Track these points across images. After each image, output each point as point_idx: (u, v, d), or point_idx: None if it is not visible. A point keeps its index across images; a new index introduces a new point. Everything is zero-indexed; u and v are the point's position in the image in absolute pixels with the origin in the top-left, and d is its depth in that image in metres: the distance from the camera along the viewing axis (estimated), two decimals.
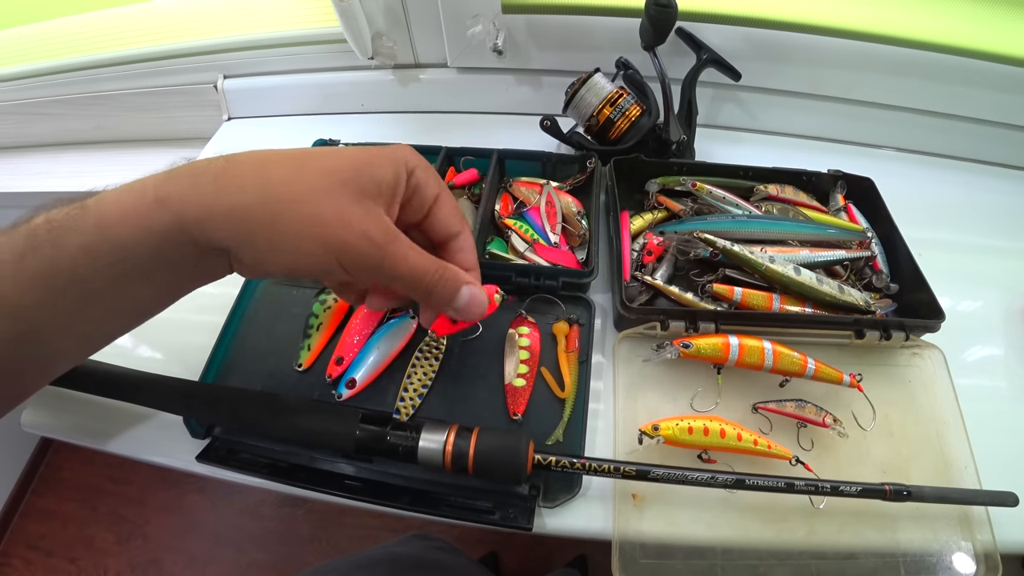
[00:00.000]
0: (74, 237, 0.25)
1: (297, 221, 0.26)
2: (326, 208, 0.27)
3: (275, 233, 0.26)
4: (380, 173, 0.29)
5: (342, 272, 0.28)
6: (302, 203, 0.26)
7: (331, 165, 0.28)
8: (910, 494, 0.37)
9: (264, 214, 0.26)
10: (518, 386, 0.43)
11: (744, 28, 0.59)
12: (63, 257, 0.25)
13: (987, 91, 0.61)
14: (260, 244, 0.26)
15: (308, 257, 0.27)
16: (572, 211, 0.53)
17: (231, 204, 0.26)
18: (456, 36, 0.64)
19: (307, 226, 0.26)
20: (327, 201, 0.27)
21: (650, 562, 0.38)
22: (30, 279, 0.24)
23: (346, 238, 0.27)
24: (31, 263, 0.25)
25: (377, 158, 0.29)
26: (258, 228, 0.26)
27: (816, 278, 0.46)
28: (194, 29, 0.73)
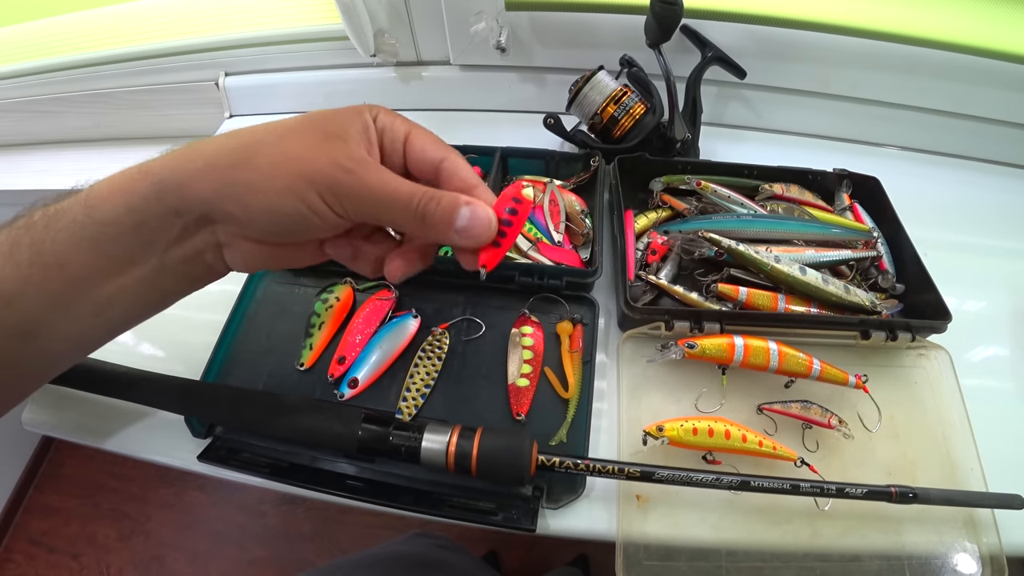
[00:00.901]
0: (64, 219, 0.25)
1: (270, 158, 0.26)
2: (297, 145, 0.27)
3: (253, 171, 0.26)
4: (344, 120, 0.28)
5: (325, 208, 0.27)
6: (273, 144, 0.27)
7: (298, 118, 0.28)
8: (916, 496, 0.37)
9: (241, 157, 0.27)
10: (521, 386, 0.42)
11: (749, 26, 0.59)
12: (49, 241, 0.25)
13: (995, 90, 0.61)
14: (240, 187, 0.26)
15: (288, 192, 0.26)
16: (576, 210, 0.52)
17: (209, 156, 0.27)
18: (459, 33, 0.63)
19: (283, 162, 0.26)
20: (297, 139, 0.27)
21: (654, 564, 0.38)
22: (17, 266, 0.25)
23: (321, 167, 0.27)
24: (22, 251, 0.25)
25: (340, 110, 0.29)
26: (237, 171, 0.26)
27: (822, 278, 0.46)
28: (195, 26, 0.73)
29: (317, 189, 0.27)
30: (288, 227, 0.28)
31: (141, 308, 0.30)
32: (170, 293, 0.30)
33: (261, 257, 0.30)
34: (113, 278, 0.27)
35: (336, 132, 0.28)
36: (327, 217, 0.28)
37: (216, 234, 0.28)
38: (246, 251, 0.29)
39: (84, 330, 0.28)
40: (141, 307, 0.30)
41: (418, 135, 0.31)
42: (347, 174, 0.27)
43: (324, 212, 0.27)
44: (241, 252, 0.29)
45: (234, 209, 0.27)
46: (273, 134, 0.27)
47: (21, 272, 0.25)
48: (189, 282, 0.31)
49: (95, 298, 0.27)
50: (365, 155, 0.28)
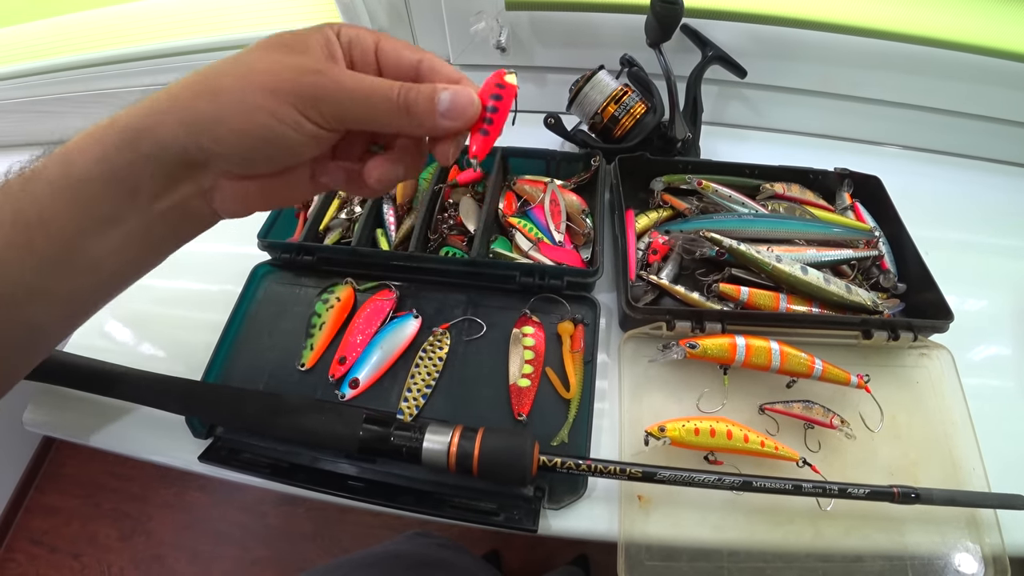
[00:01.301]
0: (41, 179, 0.25)
1: (234, 80, 0.26)
2: (259, 62, 0.26)
3: (222, 97, 0.26)
4: (304, 35, 0.27)
5: (303, 119, 0.26)
6: (234, 66, 0.26)
7: (258, 43, 0.27)
8: (918, 496, 0.37)
9: (206, 86, 0.26)
10: (523, 386, 0.42)
11: (749, 25, 0.59)
12: (27, 201, 0.24)
13: (998, 88, 0.60)
14: (211, 115, 0.26)
15: (259, 110, 0.26)
16: (577, 210, 0.52)
17: (170, 95, 0.26)
18: (459, 33, 0.63)
19: (247, 82, 0.26)
20: (259, 56, 0.26)
21: (656, 564, 0.37)
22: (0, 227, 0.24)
23: (288, 77, 0.26)
24: (4, 213, 0.24)
25: (300, 30, 0.28)
26: (205, 101, 0.26)
27: (823, 277, 0.46)
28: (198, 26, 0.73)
29: (289, 100, 0.26)
30: (267, 150, 0.27)
31: (133, 265, 0.29)
32: (161, 247, 0.30)
33: (250, 196, 0.29)
34: (100, 234, 0.26)
35: (297, 47, 0.27)
36: (304, 128, 0.26)
37: (199, 180, 0.27)
38: (233, 191, 0.28)
39: (76, 291, 0.27)
40: (133, 263, 0.29)
41: (389, 40, 0.29)
42: (317, 75, 0.26)
43: (300, 123, 0.26)
44: (229, 194, 0.28)
45: (207, 141, 0.26)
46: (233, 60, 0.27)
47: (4, 233, 0.24)
48: (179, 234, 0.30)
49: (84, 256, 0.26)
50: (331, 62, 0.27)
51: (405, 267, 0.49)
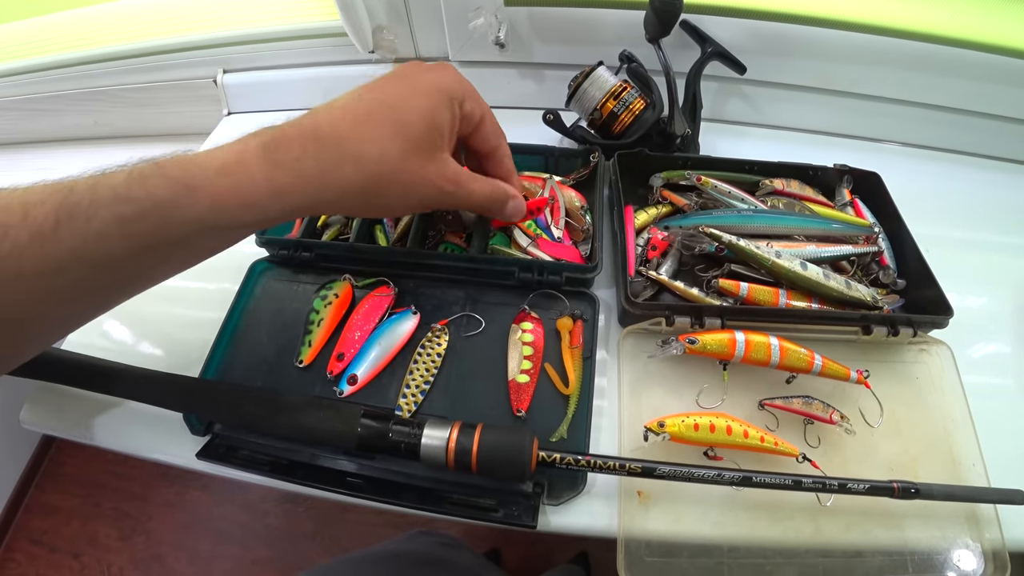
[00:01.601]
0: (184, 212, 0.28)
1: (398, 190, 0.34)
2: (412, 176, 0.34)
3: (383, 200, 0.35)
4: (440, 119, 0.35)
5: (426, 209, 0.39)
6: (395, 180, 0.34)
7: (403, 121, 0.33)
8: (918, 492, 0.37)
9: (371, 189, 0.33)
10: (521, 382, 0.42)
11: (749, 21, 0.59)
12: (174, 234, 0.28)
13: (998, 85, 0.60)
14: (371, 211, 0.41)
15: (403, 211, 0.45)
16: (576, 206, 0.52)
17: (341, 189, 0.32)
18: (457, 29, 0.63)
19: (405, 194, 0.35)
20: (412, 169, 0.34)
21: (656, 560, 0.37)
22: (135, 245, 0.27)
23: (430, 193, 0.36)
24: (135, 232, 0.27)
25: (437, 103, 0.35)
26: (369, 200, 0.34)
27: (823, 273, 0.46)
28: (193, 23, 0.72)
29: (426, 205, 0.37)
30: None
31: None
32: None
33: None
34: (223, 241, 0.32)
35: (436, 143, 0.35)
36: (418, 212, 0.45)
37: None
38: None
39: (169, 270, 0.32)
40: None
41: (487, 122, 0.39)
42: (449, 196, 0.37)
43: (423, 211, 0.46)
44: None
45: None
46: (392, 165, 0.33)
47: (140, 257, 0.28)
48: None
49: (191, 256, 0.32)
50: (458, 171, 0.37)
51: (403, 263, 0.49)
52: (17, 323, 0.27)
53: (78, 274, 0.26)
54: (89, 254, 0.26)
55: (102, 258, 0.27)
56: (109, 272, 0.28)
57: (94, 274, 0.27)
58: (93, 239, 0.26)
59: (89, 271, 0.27)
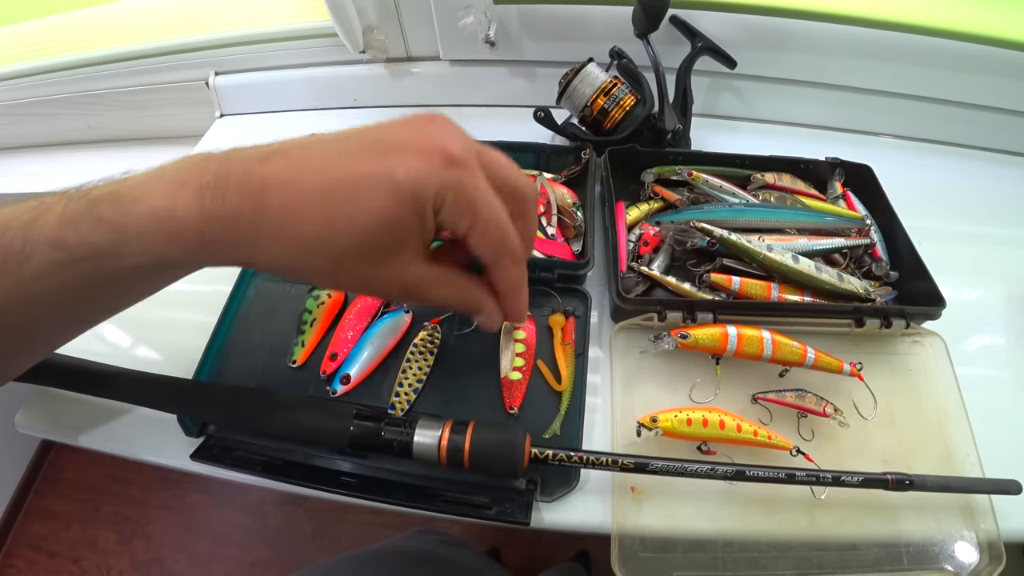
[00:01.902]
0: (123, 261, 0.26)
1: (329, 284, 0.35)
2: (351, 276, 0.29)
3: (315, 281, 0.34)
4: (401, 226, 0.28)
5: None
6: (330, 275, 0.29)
7: (355, 219, 0.27)
8: (912, 483, 0.37)
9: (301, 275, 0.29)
10: (514, 379, 0.42)
11: (739, 15, 0.59)
12: (110, 276, 0.27)
13: (988, 76, 0.60)
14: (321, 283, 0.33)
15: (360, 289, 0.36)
16: (567, 202, 0.52)
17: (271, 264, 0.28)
18: (448, 28, 0.63)
19: (337, 286, 0.36)
20: (353, 270, 0.29)
21: (650, 555, 0.37)
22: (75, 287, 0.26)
23: (379, 288, 0.31)
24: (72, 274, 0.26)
25: (399, 207, 0.27)
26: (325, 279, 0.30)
27: (815, 266, 0.46)
28: (185, 25, 0.72)
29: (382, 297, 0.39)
30: None
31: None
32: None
33: None
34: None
35: (391, 249, 0.29)
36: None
37: None
38: None
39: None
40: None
41: (477, 234, 0.30)
42: (407, 294, 0.31)
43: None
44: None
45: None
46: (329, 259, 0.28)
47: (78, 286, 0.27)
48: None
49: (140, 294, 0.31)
50: (420, 270, 0.30)
51: None
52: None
53: (22, 313, 0.26)
54: (29, 294, 0.25)
55: (44, 298, 0.26)
56: (54, 310, 0.27)
57: (39, 312, 0.27)
58: (30, 280, 0.25)
59: (34, 309, 0.26)
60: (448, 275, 0.32)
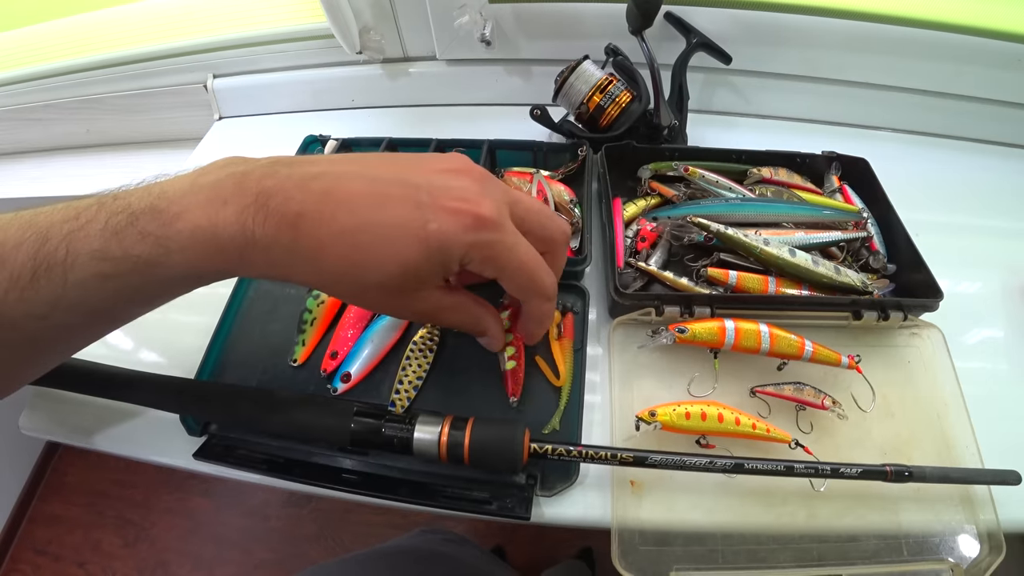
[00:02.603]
0: (164, 272, 0.28)
1: (352, 302, 0.38)
2: (372, 302, 0.33)
3: (352, 299, 0.35)
4: (424, 273, 0.30)
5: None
6: (352, 298, 0.33)
7: (380, 263, 0.29)
8: (912, 475, 0.37)
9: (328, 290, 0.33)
10: (509, 368, 0.42)
11: (733, 10, 0.59)
12: (154, 284, 0.28)
13: (983, 68, 0.60)
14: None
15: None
16: (564, 199, 0.52)
17: (301, 281, 0.31)
18: (444, 28, 0.63)
19: (375, 305, 0.35)
20: (373, 298, 0.31)
21: (650, 549, 0.37)
22: (116, 296, 0.28)
23: (402, 313, 0.37)
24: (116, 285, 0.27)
25: (423, 259, 0.29)
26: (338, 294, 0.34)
27: (812, 260, 0.46)
28: (182, 29, 0.73)
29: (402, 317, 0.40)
30: None
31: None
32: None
33: None
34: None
35: (411, 288, 0.31)
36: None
37: None
38: None
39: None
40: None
41: (505, 281, 0.32)
42: (424, 317, 0.38)
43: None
44: None
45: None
46: (353, 289, 0.31)
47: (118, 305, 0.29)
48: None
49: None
50: (435, 305, 0.33)
51: None
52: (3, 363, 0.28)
53: (60, 319, 0.27)
54: (70, 301, 0.26)
55: (83, 305, 0.27)
56: (92, 315, 0.28)
57: (77, 318, 0.27)
58: (72, 289, 0.26)
59: (72, 316, 0.27)
60: (460, 302, 0.34)
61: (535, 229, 0.32)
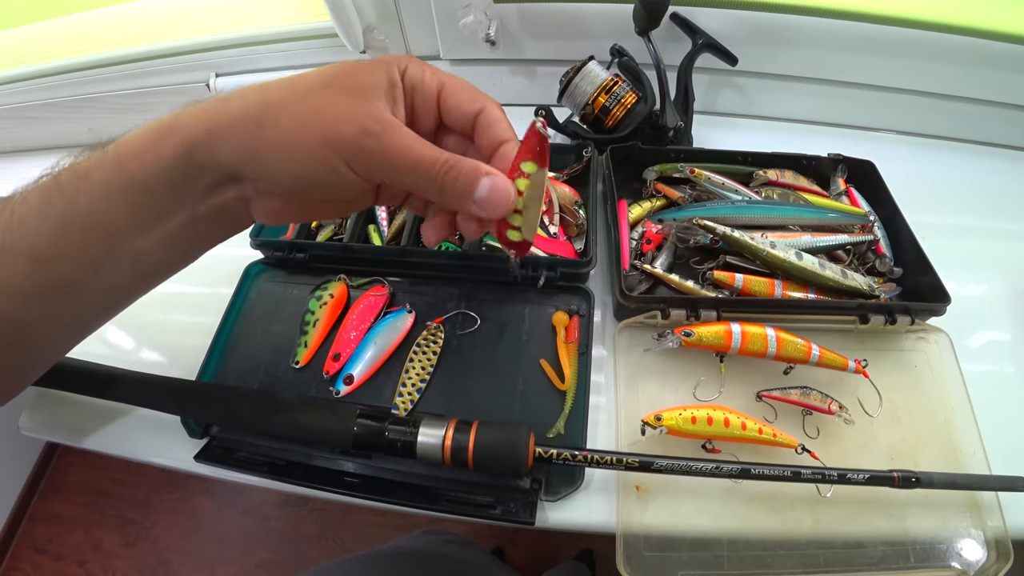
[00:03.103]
0: (96, 175, 0.26)
1: (297, 117, 0.26)
2: (324, 104, 0.27)
3: (278, 131, 0.26)
4: (371, 76, 0.28)
5: (350, 172, 0.27)
6: (300, 102, 0.27)
7: (324, 72, 0.28)
8: (919, 480, 0.36)
9: (266, 116, 0.27)
10: (514, 239, 0.33)
11: (739, 11, 0.58)
12: (83, 199, 0.26)
13: (989, 70, 0.60)
14: (265, 148, 0.27)
15: (312, 157, 0.27)
16: (570, 201, 0.52)
17: (235, 114, 0.27)
18: (448, 27, 0.63)
19: (307, 123, 0.26)
20: (324, 98, 0.27)
21: (655, 554, 0.37)
22: (53, 226, 0.25)
23: (344, 130, 0.26)
24: (55, 208, 0.26)
25: (366, 64, 0.28)
26: (262, 131, 0.26)
27: (818, 263, 0.46)
28: (184, 27, 0.72)
29: (340, 154, 0.27)
30: (311, 188, 0.28)
31: (174, 259, 0.31)
32: (199, 245, 0.31)
33: (287, 212, 0.31)
34: (146, 233, 0.28)
35: (361, 88, 0.27)
36: (351, 180, 0.28)
37: (243, 189, 0.29)
38: (271, 206, 0.30)
39: (121, 283, 0.29)
40: (174, 259, 0.31)
41: (452, 88, 0.30)
42: (371, 138, 0.27)
43: (348, 176, 0.28)
44: (266, 206, 0.30)
45: (258, 169, 0.27)
46: (298, 90, 0.27)
47: (56, 233, 0.26)
48: (217, 233, 0.31)
49: (130, 253, 0.28)
50: (390, 116, 0.28)
51: (398, 262, 0.49)
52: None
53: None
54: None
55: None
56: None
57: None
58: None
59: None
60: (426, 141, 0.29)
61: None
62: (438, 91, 0.30)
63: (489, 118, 0.31)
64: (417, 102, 0.30)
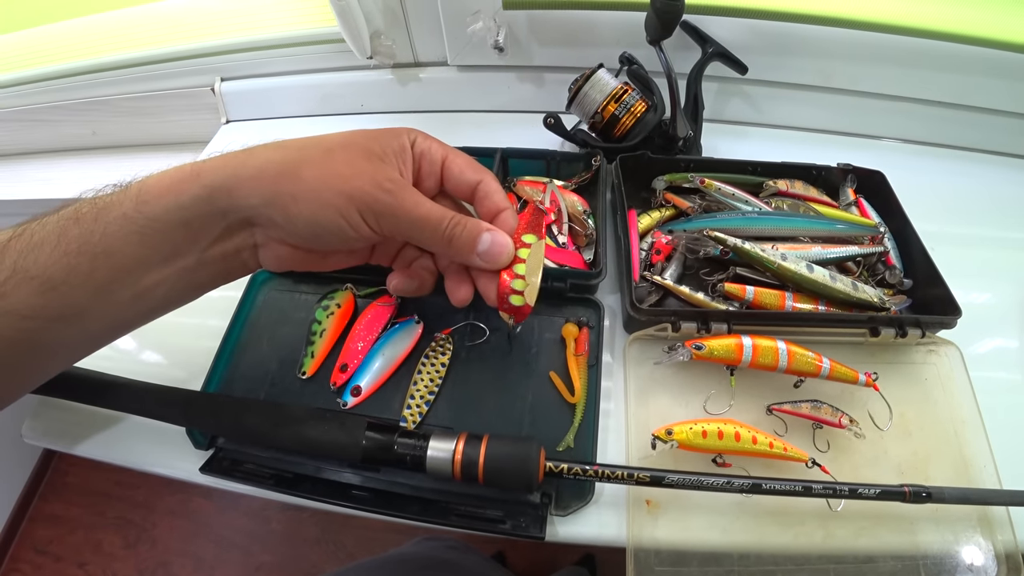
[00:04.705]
0: (115, 210, 0.28)
1: (319, 171, 0.30)
2: (344, 162, 0.30)
3: (299, 183, 0.30)
4: (384, 141, 0.32)
5: (363, 224, 0.31)
6: (322, 159, 0.30)
7: (342, 135, 0.32)
8: (930, 495, 0.36)
9: (288, 169, 0.30)
10: (516, 304, 0.36)
11: (750, 20, 0.58)
12: (99, 230, 0.27)
13: (999, 80, 0.60)
14: (285, 197, 0.29)
15: (330, 206, 0.30)
16: (578, 210, 0.52)
17: (259, 165, 0.30)
18: (456, 34, 0.63)
19: (328, 177, 0.30)
20: (344, 156, 0.31)
21: (665, 570, 0.37)
22: (65, 252, 0.27)
23: (362, 186, 0.30)
24: (70, 240, 0.27)
25: (381, 131, 0.33)
26: (284, 180, 0.30)
27: (829, 275, 0.45)
28: (190, 32, 0.72)
29: (357, 206, 0.30)
30: (325, 237, 0.31)
31: (177, 296, 0.32)
32: (204, 285, 0.33)
33: (291, 259, 0.34)
34: (156, 269, 0.29)
35: (377, 152, 0.31)
36: (362, 232, 0.31)
37: (255, 235, 0.31)
38: (279, 253, 0.33)
39: (123, 314, 0.30)
40: (177, 295, 0.32)
41: (455, 159, 0.35)
42: (386, 195, 0.30)
43: (360, 227, 0.31)
44: (275, 254, 0.33)
45: (278, 216, 0.30)
46: (319, 149, 0.31)
47: (69, 260, 0.27)
48: (223, 276, 0.33)
49: (137, 286, 0.29)
50: (403, 180, 0.32)
51: None
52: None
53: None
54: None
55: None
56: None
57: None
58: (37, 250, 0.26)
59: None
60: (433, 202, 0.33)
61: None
62: (442, 160, 0.35)
63: (487, 189, 0.35)
64: (424, 168, 0.34)
